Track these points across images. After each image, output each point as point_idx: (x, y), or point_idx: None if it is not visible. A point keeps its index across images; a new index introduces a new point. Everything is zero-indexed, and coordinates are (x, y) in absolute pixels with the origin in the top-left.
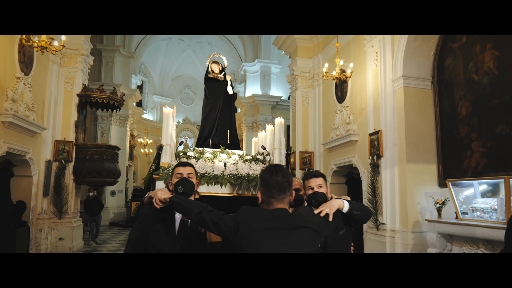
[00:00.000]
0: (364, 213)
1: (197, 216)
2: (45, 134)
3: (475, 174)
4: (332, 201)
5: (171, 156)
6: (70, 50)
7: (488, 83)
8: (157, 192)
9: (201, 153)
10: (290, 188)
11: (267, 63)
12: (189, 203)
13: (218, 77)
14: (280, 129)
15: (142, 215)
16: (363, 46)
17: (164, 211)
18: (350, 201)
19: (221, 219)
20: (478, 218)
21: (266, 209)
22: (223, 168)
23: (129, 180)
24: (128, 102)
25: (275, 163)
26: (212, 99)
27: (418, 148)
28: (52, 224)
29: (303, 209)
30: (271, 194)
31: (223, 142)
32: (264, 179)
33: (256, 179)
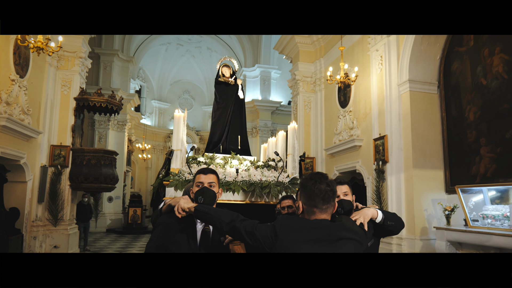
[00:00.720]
0: (397, 224)
1: (228, 225)
2: (40, 138)
3: (484, 180)
4: (365, 210)
5: (181, 162)
6: (67, 52)
7: (497, 87)
8: (179, 200)
9: (211, 158)
10: (334, 198)
11: (266, 68)
12: (218, 212)
13: (229, 81)
14: (294, 134)
15: (162, 225)
16: (367, 50)
17: (186, 221)
18: (383, 210)
19: (257, 229)
20: (489, 225)
21: (307, 219)
22: (235, 175)
23: (126, 186)
24: (126, 107)
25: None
26: (223, 103)
27: (425, 154)
28: (46, 232)
29: (346, 219)
30: (314, 203)
31: (233, 148)
32: (306, 187)
33: (269, 186)
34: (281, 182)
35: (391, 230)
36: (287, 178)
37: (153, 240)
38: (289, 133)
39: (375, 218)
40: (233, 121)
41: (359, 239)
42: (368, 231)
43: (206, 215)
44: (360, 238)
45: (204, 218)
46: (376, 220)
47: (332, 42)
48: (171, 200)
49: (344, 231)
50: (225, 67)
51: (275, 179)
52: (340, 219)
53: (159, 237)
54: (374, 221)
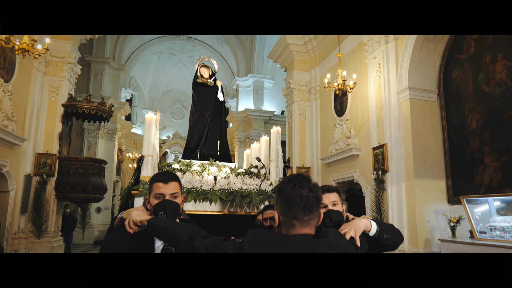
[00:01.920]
0: (395, 237)
1: (186, 244)
2: (25, 146)
3: (489, 190)
4: (356, 221)
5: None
6: (56, 58)
7: (500, 94)
8: (131, 212)
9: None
10: (319, 206)
11: (260, 77)
12: (175, 227)
13: (208, 82)
14: (277, 139)
15: (111, 243)
16: (364, 58)
17: (141, 238)
18: (378, 221)
19: (220, 248)
20: (498, 237)
21: (284, 234)
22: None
23: (116, 196)
24: (117, 116)
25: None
26: (201, 106)
27: (426, 163)
28: (29, 245)
29: (333, 233)
30: (293, 213)
31: (212, 154)
32: (283, 193)
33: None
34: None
35: (388, 244)
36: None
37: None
38: (272, 137)
39: (369, 231)
40: (212, 125)
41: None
42: (361, 246)
43: (161, 230)
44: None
45: (158, 234)
46: (369, 233)
47: (327, 51)
48: (123, 213)
49: (332, 250)
50: (204, 68)
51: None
52: (326, 234)
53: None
54: (368, 234)
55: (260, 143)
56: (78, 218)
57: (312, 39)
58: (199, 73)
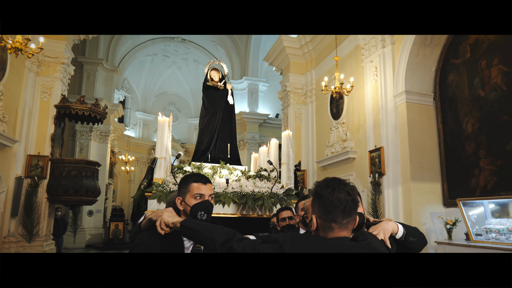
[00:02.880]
0: (420, 240)
1: (223, 246)
2: (16, 147)
3: (485, 193)
4: (384, 224)
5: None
6: (48, 58)
7: (496, 99)
8: (162, 213)
9: (199, 168)
10: (356, 209)
11: (254, 80)
12: (209, 229)
13: (218, 86)
14: (288, 142)
15: (141, 245)
16: (361, 62)
17: (170, 239)
18: (404, 225)
19: (260, 251)
20: (494, 240)
21: (323, 237)
22: (225, 185)
23: (108, 199)
24: (110, 118)
25: (333, 177)
26: (211, 109)
27: (422, 166)
28: (20, 249)
29: (371, 236)
30: (332, 217)
31: (223, 157)
32: (322, 197)
33: (262, 198)
34: (275, 193)
35: (413, 247)
36: (282, 189)
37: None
38: (283, 141)
39: (395, 234)
40: (222, 129)
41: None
42: (391, 249)
43: (196, 232)
44: None
45: (192, 236)
46: (396, 236)
47: (323, 54)
48: (152, 214)
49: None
50: (214, 71)
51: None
52: (365, 237)
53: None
54: (394, 237)
55: (270, 146)
56: (69, 222)
57: (308, 42)
58: (209, 76)
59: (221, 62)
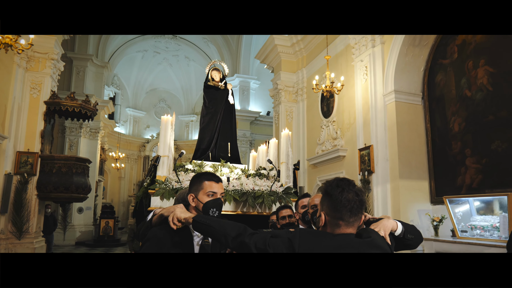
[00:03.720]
0: (417, 237)
1: (235, 240)
2: (5, 144)
3: (470, 191)
4: (385, 221)
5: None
6: (38, 53)
7: (482, 99)
8: (174, 209)
9: (200, 166)
10: (363, 209)
11: (246, 78)
12: (222, 224)
13: (219, 86)
14: (287, 142)
15: (153, 239)
16: (351, 61)
17: (181, 234)
18: (403, 222)
19: (270, 245)
20: (479, 236)
21: (330, 233)
22: (225, 183)
23: (98, 196)
24: (100, 114)
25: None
26: (212, 109)
27: (411, 164)
28: (9, 246)
29: (375, 234)
30: (340, 215)
31: (223, 155)
32: (332, 196)
33: (262, 196)
34: (274, 191)
35: (410, 244)
36: (281, 187)
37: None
38: (282, 140)
39: (395, 231)
40: (223, 128)
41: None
42: (391, 245)
43: (208, 227)
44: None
45: (205, 231)
46: (395, 233)
47: (314, 53)
48: (162, 210)
49: (374, 249)
50: (215, 71)
51: (268, 189)
52: (368, 234)
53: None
54: (393, 234)
55: (269, 145)
56: (59, 219)
57: (299, 40)
58: (210, 76)
59: (222, 63)
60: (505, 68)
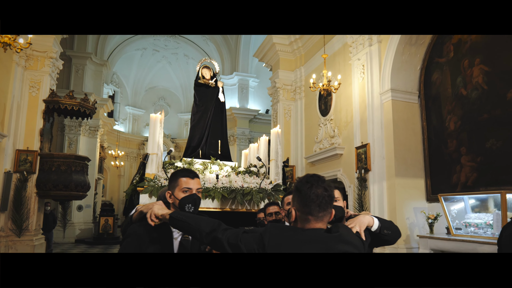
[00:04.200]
0: (394, 233)
1: (209, 236)
2: (5, 142)
3: (465, 189)
4: (361, 217)
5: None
6: (37, 52)
7: (477, 97)
8: (153, 206)
9: (190, 163)
10: (332, 204)
11: (245, 76)
12: (197, 220)
13: (209, 83)
14: (277, 139)
15: (132, 235)
16: (349, 59)
17: (160, 230)
18: (379, 218)
19: (242, 240)
20: (473, 233)
21: (300, 228)
22: (215, 181)
23: (98, 194)
24: (99, 112)
25: (313, 173)
26: (203, 106)
27: (407, 162)
28: (9, 243)
29: (344, 228)
30: (309, 210)
31: (213, 153)
32: (301, 191)
33: (251, 193)
34: (263, 188)
35: (387, 239)
36: (270, 184)
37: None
38: (272, 138)
39: (371, 226)
40: (213, 125)
41: (357, 252)
42: (366, 241)
43: (183, 223)
44: (357, 251)
45: (181, 227)
46: (372, 228)
47: (312, 51)
48: (143, 207)
49: (342, 244)
50: (205, 69)
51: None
52: (337, 229)
53: (130, 250)
54: (370, 229)
55: (259, 143)
56: (59, 216)
57: (297, 39)
58: (200, 74)
59: (212, 60)
60: (500, 67)
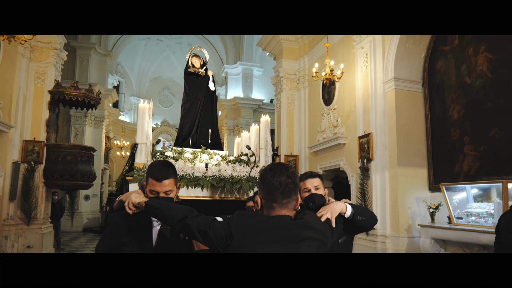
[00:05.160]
0: (369, 219)
1: (180, 222)
2: (12, 133)
3: (468, 178)
4: (333, 205)
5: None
6: (41, 43)
7: (481, 86)
8: (131, 194)
9: (180, 153)
10: (296, 191)
11: (249, 65)
12: (170, 208)
13: (199, 72)
14: (266, 128)
15: (112, 224)
16: (352, 48)
17: (139, 219)
18: (353, 205)
19: (210, 227)
20: (473, 223)
21: (266, 215)
22: (204, 170)
23: (104, 183)
24: (104, 103)
25: (278, 162)
26: (193, 95)
27: (409, 152)
28: (19, 231)
29: (309, 215)
30: (273, 198)
31: (204, 142)
32: (265, 179)
33: (240, 182)
34: (253, 177)
35: (362, 226)
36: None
37: (103, 241)
38: (261, 126)
39: (344, 213)
40: (204, 114)
41: (322, 238)
42: (336, 227)
43: (157, 211)
44: (323, 237)
45: (155, 214)
46: (345, 215)
47: (316, 40)
48: (122, 196)
49: (306, 230)
50: (195, 57)
51: (247, 174)
52: (302, 216)
53: (109, 238)
54: (343, 216)
55: (250, 131)
56: (66, 206)
57: None
58: (190, 63)
59: (202, 49)
60: (504, 55)
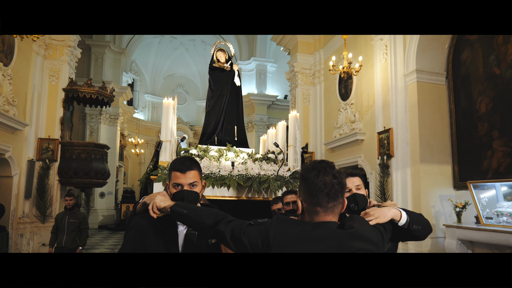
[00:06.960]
0: (425, 228)
1: (211, 229)
2: (27, 131)
3: (497, 176)
4: (386, 210)
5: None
6: (55, 41)
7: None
8: (155, 197)
9: (205, 151)
10: (343, 193)
11: (262, 61)
12: (199, 213)
13: (224, 67)
14: (295, 124)
15: (135, 228)
16: (370, 40)
17: (164, 223)
18: (407, 211)
19: (245, 234)
20: (505, 223)
21: (309, 222)
22: (230, 168)
23: (119, 181)
24: (119, 100)
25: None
26: (218, 91)
27: (432, 148)
28: (34, 229)
29: (359, 222)
30: (317, 201)
31: (229, 139)
32: (307, 180)
33: (268, 181)
34: (281, 176)
35: (417, 235)
36: (288, 171)
37: (125, 247)
38: (290, 122)
39: (398, 221)
40: (229, 111)
41: (375, 249)
42: (386, 234)
43: (184, 217)
44: (376, 248)
45: (183, 220)
46: (399, 223)
47: None
48: (146, 197)
49: (358, 241)
50: (220, 52)
51: (275, 173)
52: (352, 224)
53: (134, 244)
54: (395, 223)
55: (277, 128)
56: (82, 203)
57: None
58: (215, 58)
59: (227, 43)
60: None
